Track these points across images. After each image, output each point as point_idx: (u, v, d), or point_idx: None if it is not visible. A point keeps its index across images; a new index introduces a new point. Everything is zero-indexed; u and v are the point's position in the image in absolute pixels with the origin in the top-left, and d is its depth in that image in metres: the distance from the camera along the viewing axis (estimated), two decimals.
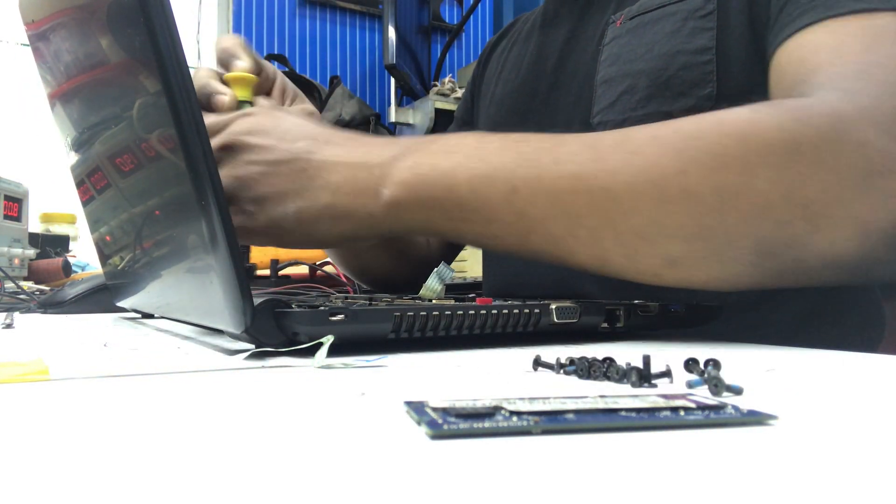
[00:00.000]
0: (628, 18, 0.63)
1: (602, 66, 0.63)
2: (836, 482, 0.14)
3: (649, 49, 0.59)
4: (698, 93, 0.56)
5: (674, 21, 0.58)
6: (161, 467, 0.15)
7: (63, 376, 0.28)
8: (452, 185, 0.41)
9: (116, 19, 0.37)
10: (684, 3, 0.58)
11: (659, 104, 0.58)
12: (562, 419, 0.19)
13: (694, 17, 0.57)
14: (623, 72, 0.61)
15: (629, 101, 0.60)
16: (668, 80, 0.57)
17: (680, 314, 0.47)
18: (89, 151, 0.52)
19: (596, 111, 0.63)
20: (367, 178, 0.43)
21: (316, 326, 0.34)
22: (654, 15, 0.61)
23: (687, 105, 0.56)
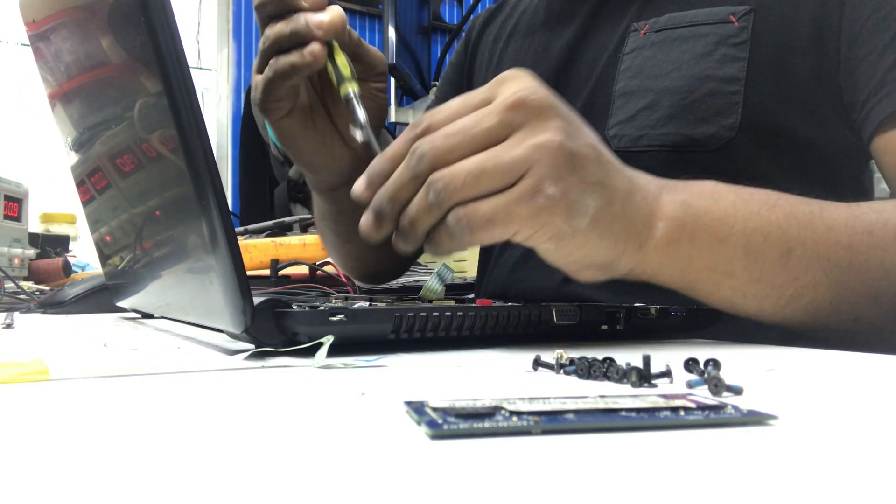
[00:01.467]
0: (654, 30, 0.60)
1: (622, 76, 0.61)
2: (836, 482, 0.14)
3: (676, 67, 0.57)
4: (721, 121, 0.54)
5: (705, 43, 0.56)
6: (161, 467, 0.15)
7: (63, 376, 0.28)
8: (727, 236, 0.40)
9: (117, 19, 0.37)
10: (718, 27, 0.56)
11: (679, 126, 0.56)
12: (562, 419, 0.19)
13: (727, 44, 0.55)
14: (645, 87, 0.58)
15: (648, 118, 0.57)
16: (692, 104, 0.55)
17: (680, 317, 0.47)
18: (89, 151, 0.52)
19: (612, 123, 0.60)
20: (643, 201, 0.39)
21: (316, 326, 0.34)
22: (683, 32, 0.58)
23: (708, 132, 0.54)
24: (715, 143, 0.54)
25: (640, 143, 0.57)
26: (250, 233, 1.25)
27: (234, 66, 2.59)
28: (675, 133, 0.56)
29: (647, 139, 0.57)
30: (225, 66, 2.60)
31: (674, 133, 0.56)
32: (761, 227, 0.40)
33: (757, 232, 0.40)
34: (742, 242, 0.40)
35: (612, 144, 0.58)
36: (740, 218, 0.40)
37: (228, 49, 2.59)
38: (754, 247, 0.40)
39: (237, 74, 2.60)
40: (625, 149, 0.58)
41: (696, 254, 0.40)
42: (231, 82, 2.59)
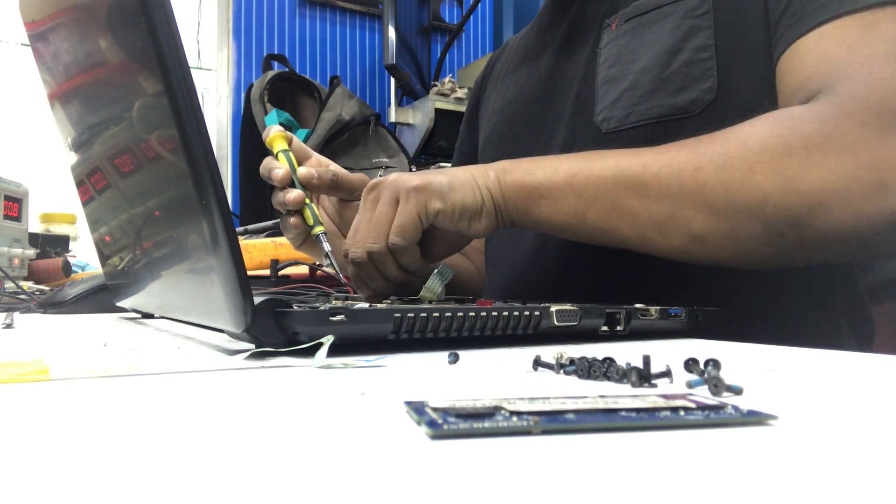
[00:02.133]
0: (624, 21, 0.64)
1: (601, 67, 0.65)
2: (836, 482, 0.14)
3: (650, 48, 0.61)
4: (700, 86, 0.58)
5: (672, 20, 0.60)
6: (161, 467, 0.15)
7: (63, 376, 0.28)
8: (532, 172, 0.53)
9: (117, 19, 0.37)
10: (680, 4, 0.60)
11: (661, 98, 0.59)
12: (562, 419, 0.19)
13: (692, 17, 0.59)
14: (624, 71, 0.62)
15: (632, 97, 0.61)
16: (670, 76, 0.59)
17: (680, 318, 0.47)
18: (89, 151, 0.52)
19: (599, 109, 0.64)
20: (477, 168, 0.54)
21: (316, 326, 0.34)
22: (650, 16, 0.62)
23: (690, 97, 0.58)
24: (698, 107, 0.58)
25: (629, 121, 0.61)
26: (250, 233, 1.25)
27: (234, 66, 2.59)
28: (659, 105, 0.60)
29: (635, 116, 0.61)
30: (225, 66, 2.59)
31: (658, 105, 0.60)
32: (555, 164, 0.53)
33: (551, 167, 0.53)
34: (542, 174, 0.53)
35: (602, 128, 0.64)
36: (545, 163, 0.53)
37: (228, 49, 2.59)
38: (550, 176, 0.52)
39: (237, 74, 2.60)
40: (615, 129, 0.62)
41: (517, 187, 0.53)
42: (231, 82, 2.59)
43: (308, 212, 0.57)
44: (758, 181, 0.46)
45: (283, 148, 0.60)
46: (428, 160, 2.36)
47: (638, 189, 0.50)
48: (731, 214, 0.47)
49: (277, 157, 0.59)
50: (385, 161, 2.31)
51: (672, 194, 0.49)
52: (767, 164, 0.46)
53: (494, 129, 0.80)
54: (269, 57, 2.51)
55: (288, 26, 2.68)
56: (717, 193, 0.47)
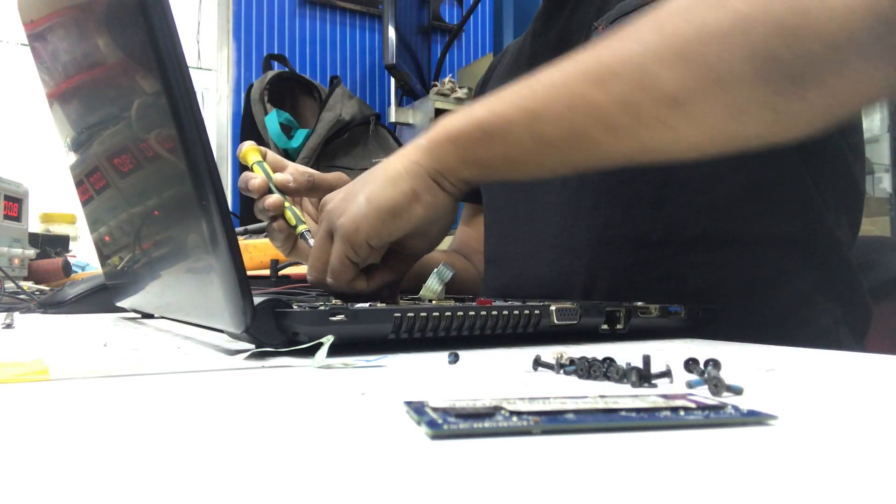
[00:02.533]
0: (608, 23, 0.64)
1: None
2: (836, 482, 0.14)
3: None
4: None
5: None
6: (161, 467, 0.15)
7: (63, 376, 0.28)
8: (468, 114, 0.46)
9: (116, 19, 0.37)
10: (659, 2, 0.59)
11: None
12: (562, 419, 0.19)
13: None
14: None
15: None
16: None
17: (680, 317, 0.47)
18: (88, 151, 0.52)
19: None
20: (406, 149, 0.49)
21: (316, 326, 0.34)
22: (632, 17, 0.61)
23: None
24: None
25: None
26: (250, 233, 1.25)
27: (234, 66, 2.59)
28: None
29: None
30: (225, 66, 2.59)
31: None
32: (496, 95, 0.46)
33: (493, 99, 0.46)
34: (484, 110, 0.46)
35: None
36: (482, 102, 0.46)
37: (228, 49, 2.59)
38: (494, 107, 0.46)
39: (237, 74, 2.60)
40: None
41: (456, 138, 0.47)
42: (231, 82, 2.59)
43: (289, 213, 0.57)
44: (731, 4, 0.37)
45: (256, 159, 0.60)
46: None
47: (593, 76, 0.42)
48: (707, 53, 0.38)
49: (252, 168, 0.60)
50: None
51: (633, 61, 0.40)
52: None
53: None
54: (269, 57, 2.51)
55: (288, 26, 2.68)
56: (685, 36, 0.38)
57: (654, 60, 0.39)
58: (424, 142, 0.48)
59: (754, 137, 0.41)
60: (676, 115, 0.40)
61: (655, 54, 0.40)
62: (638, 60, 0.40)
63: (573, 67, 0.43)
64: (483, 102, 0.46)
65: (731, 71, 0.38)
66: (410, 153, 0.48)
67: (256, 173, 0.59)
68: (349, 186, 0.50)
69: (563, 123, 0.43)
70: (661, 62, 0.39)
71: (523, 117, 0.44)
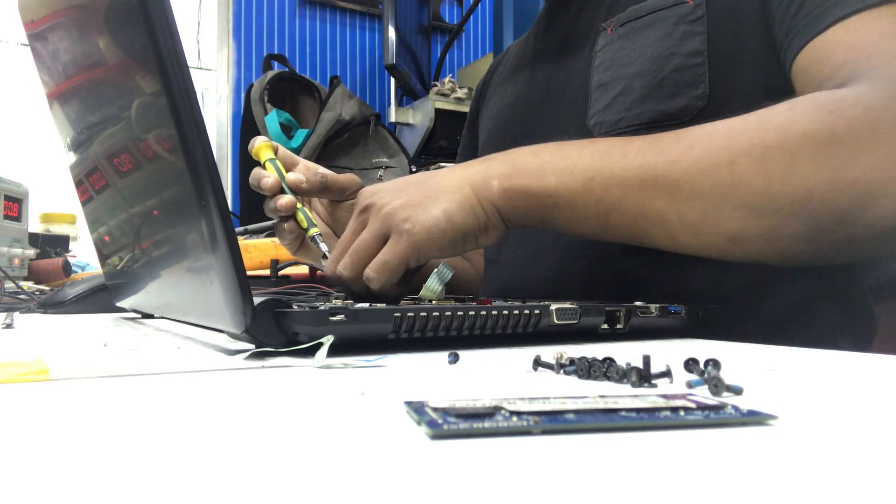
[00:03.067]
0: (619, 25, 0.65)
1: (596, 71, 0.65)
2: (836, 482, 0.14)
3: (643, 52, 0.61)
4: (691, 93, 0.58)
5: (665, 26, 0.60)
6: (161, 467, 0.15)
7: (63, 376, 0.28)
8: (542, 178, 0.49)
9: (116, 19, 0.37)
10: (674, 9, 0.60)
11: (653, 103, 0.59)
12: (562, 419, 0.19)
13: (685, 22, 0.59)
14: (618, 75, 0.62)
15: (624, 102, 0.61)
16: (661, 82, 0.59)
17: (680, 316, 0.47)
18: (87, 151, 0.52)
19: (592, 113, 0.64)
20: (477, 177, 0.50)
21: (316, 326, 0.34)
22: (644, 21, 0.62)
23: (681, 104, 0.58)
24: (689, 114, 0.58)
25: (620, 126, 0.61)
26: (250, 233, 1.25)
27: (234, 66, 2.59)
28: (650, 110, 0.59)
29: (626, 121, 0.61)
30: (225, 66, 2.59)
31: (649, 111, 0.59)
32: (568, 166, 0.49)
33: (564, 169, 0.49)
34: (554, 179, 0.49)
35: (594, 132, 0.63)
36: (553, 162, 0.49)
37: (228, 49, 2.59)
38: (564, 181, 0.49)
39: (237, 74, 2.59)
40: (606, 133, 0.62)
41: (526, 195, 0.49)
42: (231, 82, 2.59)
43: (301, 215, 0.57)
44: (801, 174, 0.42)
45: (269, 157, 0.60)
46: (428, 160, 2.36)
47: (667, 190, 0.46)
48: (771, 212, 0.44)
49: (265, 166, 0.59)
50: (385, 161, 2.31)
51: (706, 193, 0.45)
52: (811, 155, 0.42)
53: (491, 132, 0.81)
54: (269, 57, 2.51)
55: (288, 26, 2.68)
56: (755, 190, 0.43)
57: (726, 204, 0.45)
58: (498, 185, 0.49)
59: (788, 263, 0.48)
60: (732, 246, 0.46)
61: (725, 197, 0.45)
62: (708, 195, 0.45)
63: (648, 171, 0.46)
64: (556, 166, 0.49)
65: (787, 230, 0.44)
66: (491, 189, 0.49)
67: (269, 171, 0.58)
68: (404, 191, 0.49)
69: (630, 221, 0.48)
70: (733, 207, 0.45)
71: (592, 203, 0.48)
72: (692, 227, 0.46)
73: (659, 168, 0.46)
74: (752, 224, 0.44)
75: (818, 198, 0.42)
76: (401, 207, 0.47)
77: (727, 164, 0.44)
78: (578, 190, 0.48)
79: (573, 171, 0.48)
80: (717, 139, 0.45)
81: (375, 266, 0.47)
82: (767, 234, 0.45)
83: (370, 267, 0.47)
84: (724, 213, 0.45)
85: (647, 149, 0.47)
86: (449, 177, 0.50)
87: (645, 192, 0.47)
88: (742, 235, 0.45)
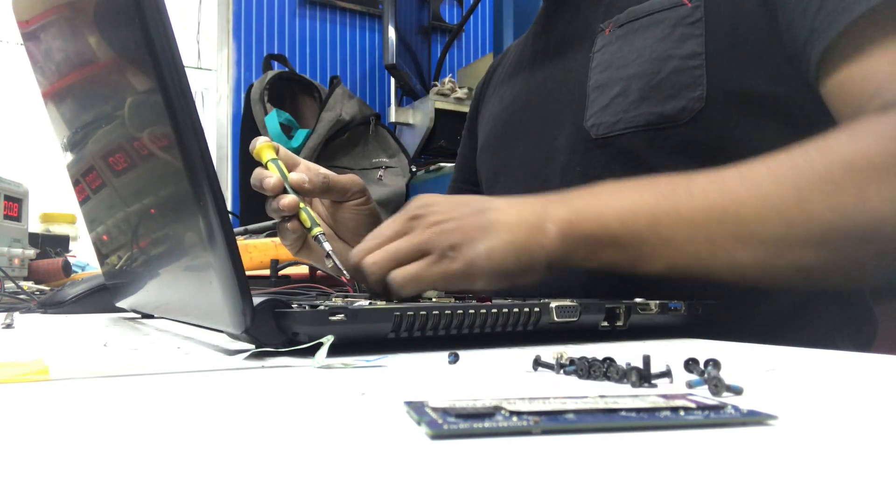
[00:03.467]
0: (617, 26, 0.65)
1: (593, 72, 0.65)
2: (836, 482, 0.14)
3: (640, 54, 0.61)
4: (688, 95, 0.58)
5: (663, 28, 0.60)
6: (161, 467, 0.15)
7: (63, 376, 0.28)
8: (604, 222, 0.49)
9: (110, 17, 0.37)
10: (672, 11, 0.60)
11: (650, 105, 0.59)
12: (562, 419, 0.19)
13: (683, 24, 0.59)
14: (615, 77, 0.62)
15: (622, 104, 0.61)
16: (659, 84, 0.59)
17: (679, 313, 0.47)
18: (84, 150, 0.52)
19: (589, 115, 0.64)
20: (534, 218, 0.49)
21: (316, 326, 0.34)
22: (643, 22, 0.62)
23: (678, 106, 0.58)
24: (686, 116, 0.58)
25: (617, 127, 0.61)
26: (250, 233, 1.25)
27: (234, 66, 2.59)
28: (648, 112, 0.59)
29: (623, 122, 0.61)
30: (225, 66, 2.59)
31: (646, 112, 0.59)
32: (631, 207, 0.48)
33: (627, 211, 0.48)
34: (618, 223, 0.48)
35: (591, 133, 0.63)
36: (615, 204, 0.49)
37: (228, 49, 2.59)
38: (628, 224, 0.48)
39: (237, 74, 2.59)
40: (604, 135, 0.62)
41: (587, 240, 0.49)
42: (231, 82, 2.59)
43: (304, 215, 0.57)
44: (872, 205, 0.43)
45: (271, 157, 0.59)
46: (428, 160, 2.36)
47: (736, 231, 0.46)
48: (843, 244, 0.45)
49: (267, 166, 0.59)
50: (385, 161, 2.31)
51: (777, 233, 0.45)
52: (881, 185, 0.43)
53: (491, 133, 0.81)
54: (269, 57, 2.51)
55: (288, 26, 2.68)
56: (827, 224, 0.44)
57: (797, 241, 0.45)
58: (556, 230, 0.48)
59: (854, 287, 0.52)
60: (802, 278, 0.47)
61: (797, 235, 0.45)
62: (779, 234, 0.45)
63: (716, 212, 0.46)
64: (620, 207, 0.48)
65: (859, 259, 0.46)
66: (548, 235, 0.48)
67: (271, 171, 0.58)
68: (460, 214, 0.48)
69: (697, 261, 0.47)
70: (804, 244, 0.45)
71: (659, 245, 0.48)
72: (762, 265, 0.47)
73: (728, 209, 0.46)
74: (825, 257, 0.45)
75: (891, 225, 0.43)
76: (451, 232, 0.47)
77: (797, 202, 0.45)
78: (644, 232, 0.48)
79: (636, 212, 0.48)
80: (782, 176, 0.46)
81: (406, 276, 0.46)
82: (839, 265, 0.46)
83: (401, 274, 0.46)
84: (796, 250, 0.45)
85: (711, 188, 0.47)
86: (506, 212, 0.49)
87: (713, 233, 0.47)
88: (813, 268, 0.46)
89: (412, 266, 0.46)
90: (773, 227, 0.45)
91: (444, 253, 0.46)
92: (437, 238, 0.47)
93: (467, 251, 0.46)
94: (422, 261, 0.47)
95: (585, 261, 0.49)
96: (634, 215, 0.48)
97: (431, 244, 0.47)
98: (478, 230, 0.47)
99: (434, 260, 0.46)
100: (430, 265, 0.46)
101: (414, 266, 0.46)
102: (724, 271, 0.48)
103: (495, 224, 0.48)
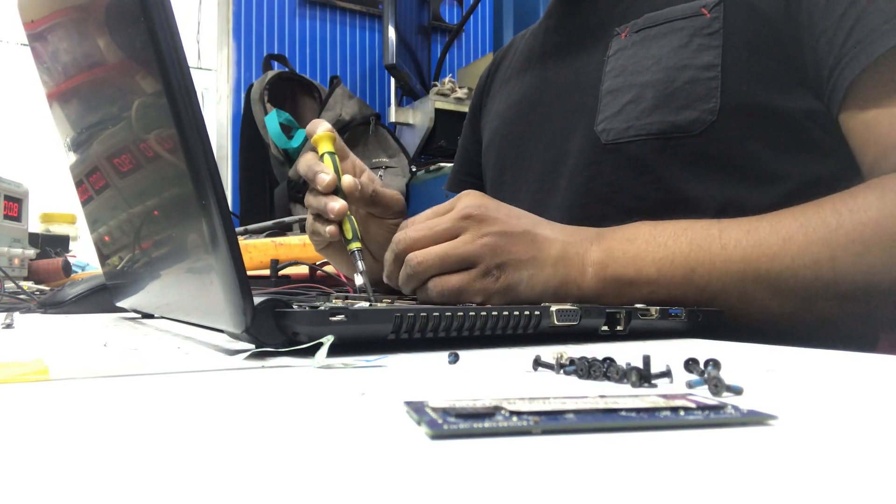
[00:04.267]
0: (633, 31, 0.64)
1: (607, 76, 0.64)
2: (836, 482, 0.14)
3: (656, 61, 0.60)
4: (702, 106, 0.57)
5: (681, 36, 0.59)
6: (161, 467, 0.15)
7: (63, 376, 0.28)
8: (641, 268, 0.51)
9: (116, 19, 0.37)
10: (691, 20, 0.59)
11: (663, 114, 0.59)
12: (562, 419, 0.19)
13: (701, 35, 0.58)
14: (629, 83, 0.62)
15: (634, 111, 0.61)
16: (673, 93, 0.58)
17: (680, 318, 0.47)
18: (88, 151, 0.52)
19: (600, 119, 0.63)
20: (576, 255, 0.51)
21: (316, 326, 0.34)
22: (660, 29, 0.61)
23: (691, 117, 0.57)
24: (698, 128, 0.57)
25: (628, 134, 0.61)
26: (250, 233, 1.25)
27: (234, 66, 2.59)
28: (660, 121, 0.59)
29: (634, 130, 0.61)
30: (225, 66, 2.60)
31: (658, 121, 0.59)
32: (667, 256, 0.51)
33: (665, 260, 0.51)
34: (654, 270, 0.51)
35: (601, 138, 0.63)
36: (650, 251, 0.51)
37: (228, 49, 2.59)
38: (665, 272, 0.51)
39: (237, 74, 2.60)
40: (614, 141, 0.62)
41: (623, 283, 0.51)
42: (231, 82, 2.59)
43: (348, 225, 0.54)
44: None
45: (329, 150, 0.56)
46: (428, 160, 2.36)
47: (769, 285, 0.49)
48: (869, 301, 0.48)
49: (322, 158, 0.56)
50: (385, 161, 2.31)
51: (807, 288, 0.48)
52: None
53: (497, 130, 0.80)
54: (269, 57, 2.51)
55: (288, 26, 2.68)
56: (855, 282, 0.47)
57: (825, 297, 0.48)
58: (592, 273, 0.51)
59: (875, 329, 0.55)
60: (825, 327, 0.50)
61: (826, 291, 0.48)
62: (809, 290, 0.48)
63: (750, 265, 0.49)
64: (654, 256, 0.50)
65: (884, 313, 0.48)
66: (585, 276, 0.51)
67: (327, 165, 0.55)
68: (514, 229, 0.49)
69: (729, 308, 0.50)
70: (830, 297, 0.48)
71: (694, 293, 0.50)
72: (791, 314, 0.50)
73: (761, 263, 0.49)
74: (850, 309, 0.48)
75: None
76: (501, 251, 0.48)
77: (828, 261, 0.47)
78: (679, 281, 0.50)
79: (672, 261, 0.50)
80: (813, 233, 0.48)
81: (447, 288, 0.47)
82: (862, 317, 0.49)
83: (443, 284, 0.47)
84: (823, 304, 0.48)
85: (744, 240, 0.49)
86: (553, 243, 0.51)
87: (747, 285, 0.49)
88: (839, 319, 0.49)
89: (455, 278, 0.47)
90: (803, 283, 0.48)
91: (489, 270, 0.47)
92: (486, 253, 0.47)
93: (511, 275, 0.48)
94: (465, 273, 0.47)
95: (617, 298, 0.51)
96: (671, 264, 0.50)
97: (480, 258, 0.47)
98: (525, 255, 0.49)
99: (478, 275, 0.47)
100: (472, 280, 0.47)
101: (456, 278, 0.47)
102: (755, 318, 0.50)
103: (542, 254, 0.50)
